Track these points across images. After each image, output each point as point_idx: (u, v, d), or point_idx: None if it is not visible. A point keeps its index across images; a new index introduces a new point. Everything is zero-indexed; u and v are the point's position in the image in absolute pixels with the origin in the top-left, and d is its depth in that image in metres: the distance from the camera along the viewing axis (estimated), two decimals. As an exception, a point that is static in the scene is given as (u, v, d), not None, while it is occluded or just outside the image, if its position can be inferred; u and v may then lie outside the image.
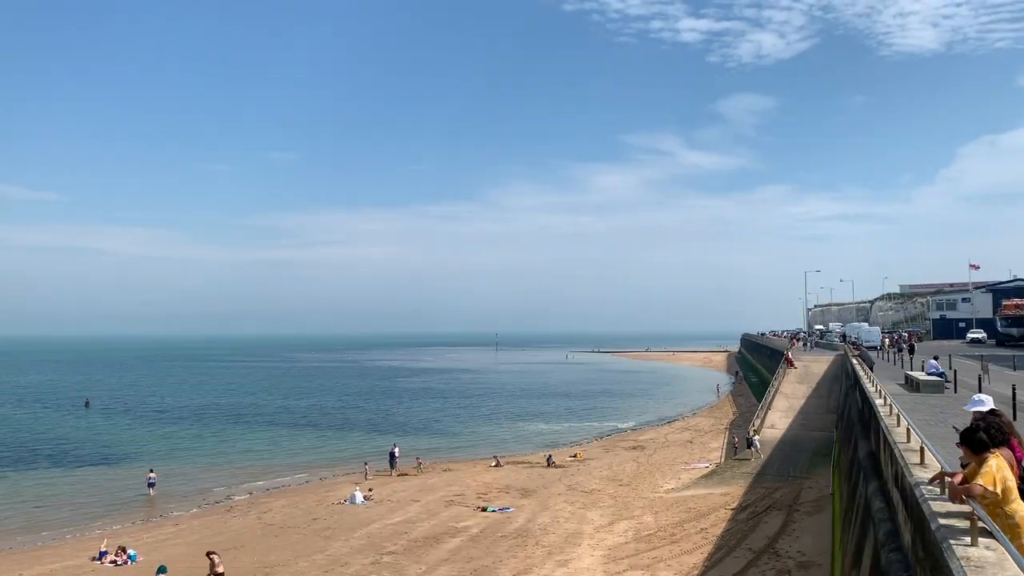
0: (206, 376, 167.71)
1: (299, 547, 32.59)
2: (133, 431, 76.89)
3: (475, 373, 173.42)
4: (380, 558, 30.16)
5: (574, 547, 30.78)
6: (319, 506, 41.64)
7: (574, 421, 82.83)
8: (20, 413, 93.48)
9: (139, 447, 65.79)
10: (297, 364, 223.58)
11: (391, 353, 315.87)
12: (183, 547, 33.57)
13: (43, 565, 31.67)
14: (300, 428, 78.25)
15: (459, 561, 29.37)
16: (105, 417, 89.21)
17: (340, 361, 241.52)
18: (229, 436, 72.58)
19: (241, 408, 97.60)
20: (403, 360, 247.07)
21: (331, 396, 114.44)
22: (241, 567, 29.11)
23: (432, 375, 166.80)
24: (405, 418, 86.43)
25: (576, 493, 42.59)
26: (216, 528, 37.54)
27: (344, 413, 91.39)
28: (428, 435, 73.08)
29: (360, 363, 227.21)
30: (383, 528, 35.59)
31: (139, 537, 36.01)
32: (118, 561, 31.24)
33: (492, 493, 43.35)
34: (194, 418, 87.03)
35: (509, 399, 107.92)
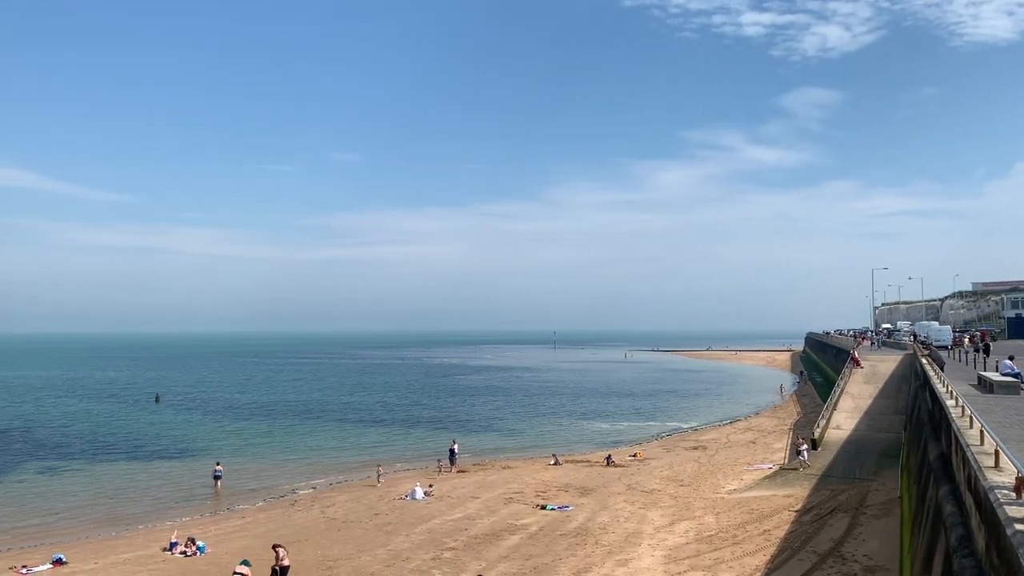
0: (272, 373, 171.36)
1: (361, 541, 33.07)
2: (200, 426, 79.01)
3: (534, 371, 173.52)
4: (440, 554, 30.42)
5: (634, 547, 30.60)
6: (380, 501, 42.18)
7: (634, 420, 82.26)
8: (96, 408, 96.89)
9: (206, 442, 67.57)
10: (360, 361, 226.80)
11: (451, 350, 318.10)
12: (249, 539, 34.35)
13: (117, 554, 32.77)
14: (363, 424, 79.39)
15: (518, 559, 29.45)
16: (174, 412, 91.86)
17: (401, 358, 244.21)
18: (293, 431, 74.03)
19: (306, 404, 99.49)
20: (462, 358, 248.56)
21: (394, 393, 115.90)
22: (305, 560, 29.66)
23: (491, 373, 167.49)
24: (465, 415, 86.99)
25: (636, 493, 42.31)
26: (281, 521, 38.33)
27: (406, 410, 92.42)
28: (487, 432, 73.41)
29: (421, 360, 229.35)
30: (443, 524, 35.88)
31: (207, 529, 36.98)
32: (187, 552, 32.12)
33: (551, 491, 43.34)
34: (260, 414, 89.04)
35: (568, 398, 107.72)
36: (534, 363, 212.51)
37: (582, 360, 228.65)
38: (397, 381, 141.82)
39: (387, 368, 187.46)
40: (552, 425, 78.84)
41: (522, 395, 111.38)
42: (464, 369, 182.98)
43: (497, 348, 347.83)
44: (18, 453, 61.50)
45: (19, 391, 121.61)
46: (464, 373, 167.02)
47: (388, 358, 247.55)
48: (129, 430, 75.31)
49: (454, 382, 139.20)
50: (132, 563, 31.11)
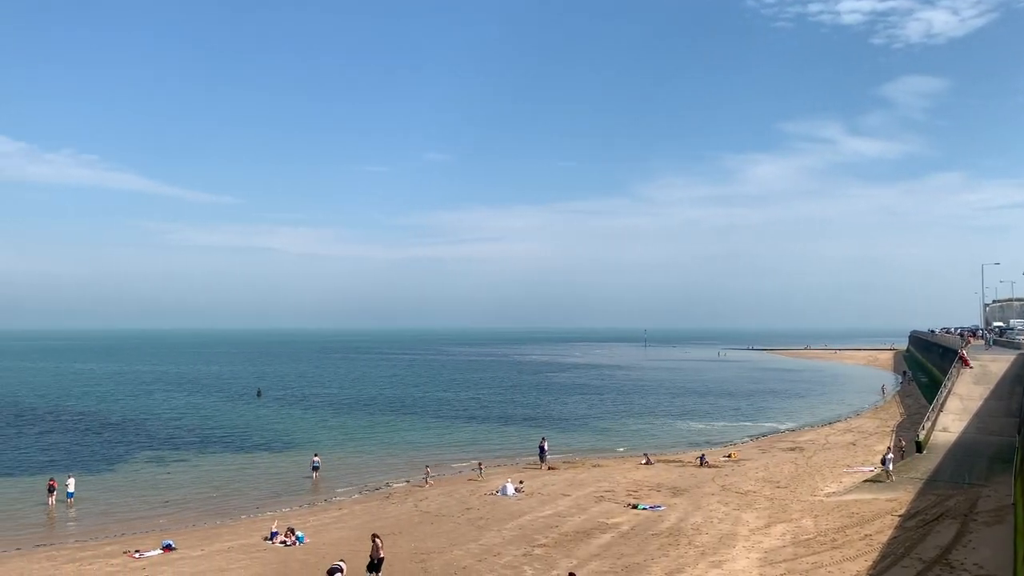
0: (368, 368, 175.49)
1: (453, 535, 33.51)
2: (299, 420, 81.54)
3: (625, 370, 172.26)
4: (531, 550, 30.55)
5: (728, 548, 30.03)
6: (472, 496, 42.64)
7: (728, 420, 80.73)
8: (203, 401, 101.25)
9: (305, 435, 69.66)
10: (452, 358, 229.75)
11: (541, 348, 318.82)
12: (346, 530, 35.27)
13: (222, 542, 34.14)
14: (457, 420, 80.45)
15: (610, 557, 29.30)
16: (275, 406, 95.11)
17: (492, 355, 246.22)
18: (389, 426, 75.61)
19: (402, 399, 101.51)
20: (552, 355, 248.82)
21: (486, 389, 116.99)
22: (400, 552, 30.25)
23: (581, 371, 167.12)
24: (555, 413, 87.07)
25: (730, 494, 41.51)
26: (376, 513, 39.20)
27: (498, 406, 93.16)
28: (578, 430, 73.28)
29: (511, 357, 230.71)
30: (534, 520, 36.00)
31: (306, 519, 38.13)
32: (287, 542, 33.18)
33: (643, 491, 42.96)
34: (357, 408, 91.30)
35: (660, 397, 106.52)
36: (625, 361, 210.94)
37: (674, 359, 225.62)
38: (489, 378, 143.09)
39: (479, 365, 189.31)
40: (643, 424, 78.07)
41: (614, 393, 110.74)
42: (554, 367, 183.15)
43: (587, 346, 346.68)
44: (132, 444, 64.77)
45: (132, 385, 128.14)
46: (554, 371, 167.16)
47: (479, 355, 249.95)
48: (233, 423, 78.35)
49: (545, 379, 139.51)
50: (236, 551, 32.34)
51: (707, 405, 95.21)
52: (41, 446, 63.64)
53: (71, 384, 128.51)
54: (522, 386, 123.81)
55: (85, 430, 72.87)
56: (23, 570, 30.07)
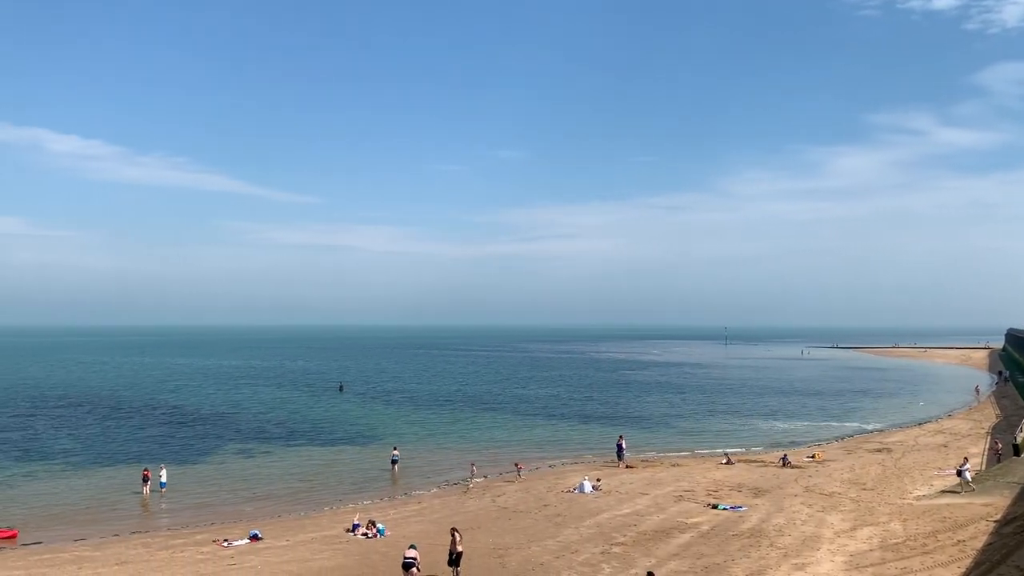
0: (447, 364, 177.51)
1: (531, 532, 33.60)
2: (381, 414, 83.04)
3: (705, 368, 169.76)
4: (609, 548, 30.40)
5: (812, 551, 29.30)
6: (549, 493, 42.68)
7: (811, 420, 78.73)
8: (288, 395, 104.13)
9: (386, 429, 70.88)
10: (528, 355, 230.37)
11: (618, 345, 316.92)
12: (425, 524, 35.76)
13: (306, 533, 35.05)
14: (534, 417, 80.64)
15: (689, 557, 28.94)
16: (357, 400, 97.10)
17: (569, 353, 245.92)
18: (467, 422, 76.34)
19: (480, 395, 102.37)
20: (630, 353, 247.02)
21: (563, 387, 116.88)
22: (478, 547, 30.50)
23: (660, 369, 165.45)
24: (633, 411, 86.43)
25: (814, 495, 40.49)
26: (454, 508, 39.62)
27: (575, 404, 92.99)
28: (656, 428, 72.60)
29: (588, 355, 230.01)
30: (612, 519, 35.82)
31: (386, 512, 38.79)
32: (369, 534, 33.83)
33: (723, 491, 42.27)
34: (435, 404, 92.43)
35: (742, 396, 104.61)
36: (704, 359, 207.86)
37: (755, 357, 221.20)
38: (566, 375, 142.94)
39: (556, 362, 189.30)
40: (723, 423, 76.81)
41: (696, 392, 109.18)
42: (632, 364, 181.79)
43: (665, 344, 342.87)
44: (221, 437, 67.03)
45: (221, 379, 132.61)
46: (632, 368, 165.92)
47: (556, 352, 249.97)
48: (316, 417, 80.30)
49: (622, 377, 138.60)
50: (319, 542, 33.14)
51: (790, 404, 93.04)
52: (136, 437, 66.43)
53: (162, 379, 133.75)
54: (600, 384, 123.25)
55: (177, 423, 75.76)
56: (121, 555, 31.44)
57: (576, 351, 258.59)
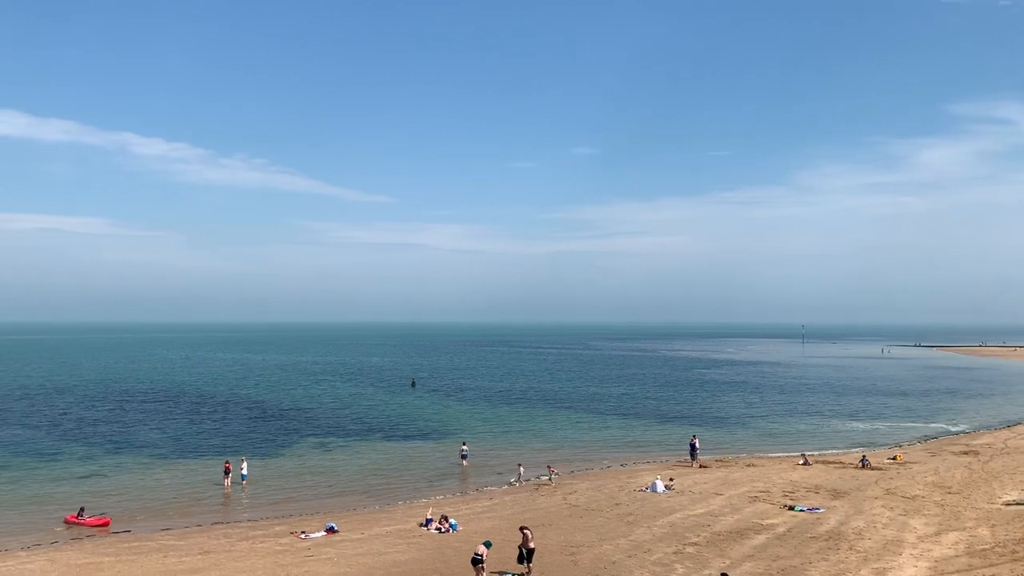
0: (517, 362, 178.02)
1: (603, 530, 33.46)
2: (453, 410, 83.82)
3: (781, 366, 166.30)
4: (683, 548, 30.06)
5: (893, 555, 28.43)
6: (621, 492, 42.43)
7: (894, 421, 76.41)
8: (362, 391, 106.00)
9: (457, 425, 71.53)
10: (600, 352, 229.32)
11: (691, 343, 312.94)
12: (497, 520, 35.95)
13: (380, 527, 35.64)
14: (606, 415, 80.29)
15: (765, 559, 28.40)
16: (429, 396, 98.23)
17: (641, 350, 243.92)
18: (539, 419, 76.43)
19: (554, 393, 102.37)
20: (703, 351, 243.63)
21: (637, 385, 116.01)
22: (549, 544, 30.52)
23: (735, 367, 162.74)
24: (708, 410, 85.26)
25: (896, 498, 39.27)
26: (525, 505, 39.73)
27: (648, 403, 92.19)
28: (730, 428, 71.48)
29: (660, 353, 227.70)
30: (685, 518, 35.41)
31: (458, 508, 39.16)
32: (442, 528, 34.21)
33: (799, 492, 41.35)
34: (510, 400, 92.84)
35: (821, 395, 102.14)
36: (780, 358, 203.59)
37: (833, 355, 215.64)
38: (639, 374, 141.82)
39: (628, 360, 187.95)
40: (800, 423, 75.15)
41: (773, 391, 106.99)
42: (705, 363, 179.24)
43: (739, 342, 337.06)
44: (298, 431, 68.66)
45: (298, 375, 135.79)
46: (706, 367, 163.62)
47: (628, 350, 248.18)
48: (390, 412, 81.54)
49: (697, 376, 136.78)
50: (393, 536, 33.66)
51: (871, 404, 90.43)
52: (218, 431, 68.55)
53: (243, 374, 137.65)
54: (674, 383, 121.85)
55: (257, 417, 77.91)
56: (203, 545, 32.52)
57: (648, 349, 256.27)
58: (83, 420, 74.12)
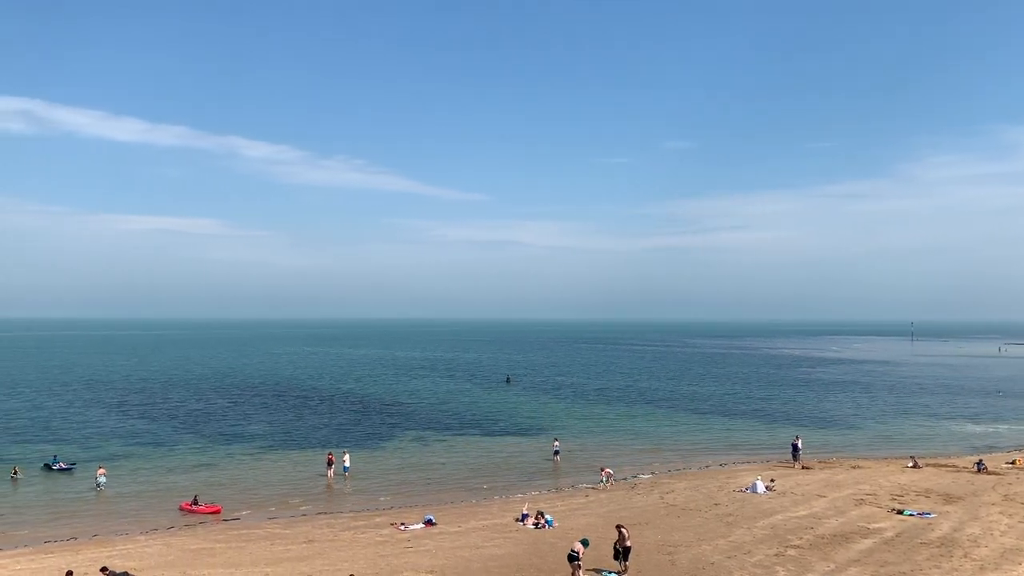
0: (615, 359, 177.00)
1: (701, 530, 32.96)
2: (548, 406, 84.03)
3: (890, 365, 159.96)
4: (784, 551, 29.32)
5: (1013, 565, 26.99)
6: (720, 492, 41.69)
7: (1014, 424, 72.49)
8: (459, 386, 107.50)
9: (552, 421, 71.68)
10: (698, 350, 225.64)
11: (792, 341, 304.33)
12: (593, 517, 35.87)
13: (477, 520, 36.09)
14: (705, 413, 79.05)
15: (872, 564, 27.41)
16: (524, 393, 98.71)
17: (741, 348, 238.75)
18: (636, 417, 75.79)
19: (653, 391, 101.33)
20: (806, 349, 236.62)
21: (739, 384, 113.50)
22: (646, 543, 30.27)
23: (841, 366, 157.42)
24: (812, 409, 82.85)
25: (1015, 504, 37.26)
26: (622, 503, 39.50)
27: (750, 402, 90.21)
28: (834, 428, 69.29)
29: (762, 351, 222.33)
30: (786, 520, 34.51)
31: (554, 504, 39.25)
32: (538, 524, 34.37)
33: (909, 496, 39.71)
34: (606, 399, 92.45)
35: (934, 395, 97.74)
36: (887, 356, 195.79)
37: (945, 354, 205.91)
38: (738, 372, 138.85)
39: (728, 358, 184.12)
40: (910, 424, 72.18)
41: (883, 391, 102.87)
42: (809, 361, 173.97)
43: (844, 339, 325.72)
44: (399, 425, 70.13)
45: (396, 370, 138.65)
46: (809, 365, 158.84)
47: (727, 348, 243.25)
48: (485, 408, 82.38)
49: (801, 375, 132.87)
50: (490, 530, 34.02)
51: (990, 406, 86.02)
52: (322, 424, 70.72)
53: (346, 369, 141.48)
54: (776, 381, 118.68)
55: (358, 411, 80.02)
56: (308, 535, 33.66)
57: (748, 347, 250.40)
58: (196, 412, 77.71)
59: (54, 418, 72.68)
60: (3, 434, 63.10)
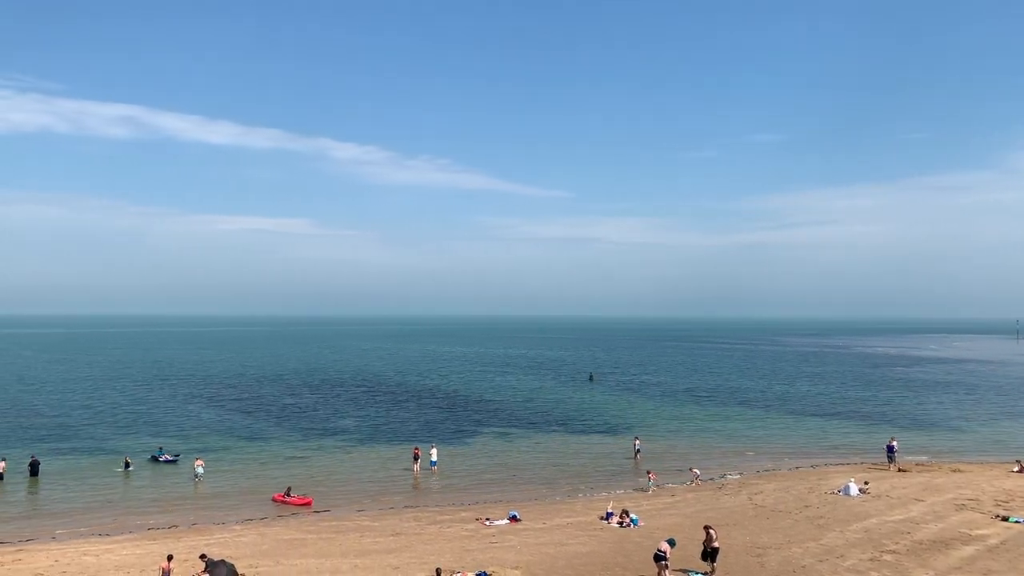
0: (701, 357, 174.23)
1: (791, 532, 32.17)
2: (632, 405, 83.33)
3: (995, 364, 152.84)
4: (879, 556, 28.34)
5: None
6: (811, 493, 40.60)
7: None
8: (542, 384, 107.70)
9: (636, 420, 71.05)
10: (787, 348, 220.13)
11: (887, 339, 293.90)
12: (679, 518, 35.42)
13: (561, 517, 36.11)
14: (796, 414, 77.12)
15: (974, 572, 26.24)
16: (607, 391, 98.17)
17: (833, 347, 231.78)
18: (726, 418, 74.30)
19: (740, 390, 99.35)
20: (902, 347, 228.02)
21: (833, 383, 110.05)
22: (734, 544, 29.72)
23: (940, 365, 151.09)
24: (910, 410, 79.86)
25: None
26: (708, 503, 38.88)
27: (844, 402, 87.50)
28: (933, 429, 66.61)
29: (854, 349, 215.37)
30: (881, 524, 33.35)
31: (639, 503, 38.93)
32: (623, 523, 34.16)
33: (1015, 501, 37.83)
34: (694, 398, 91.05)
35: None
36: (991, 355, 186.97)
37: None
38: (832, 371, 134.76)
39: (821, 357, 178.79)
40: (1016, 426, 68.76)
41: (991, 392, 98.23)
42: (906, 360, 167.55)
43: (942, 338, 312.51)
44: (483, 422, 70.75)
45: (482, 366, 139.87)
46: (907, 364, 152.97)
47: (818, 346, 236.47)
48: (570, 406, 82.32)
49: (898, 374, 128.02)
50: (574, 527, 33.99)
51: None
52: (410, 419, 71.92)
53: (432, 365, 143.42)
54: (871, 381, 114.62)
55: (444, 406, 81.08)
56: (395, 527, 34.31)
57: (841, 345, 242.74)
58: (289, 407, 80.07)
59: (156, 411, 76.01)
60: (111, 426, 66.37)
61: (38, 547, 31.20)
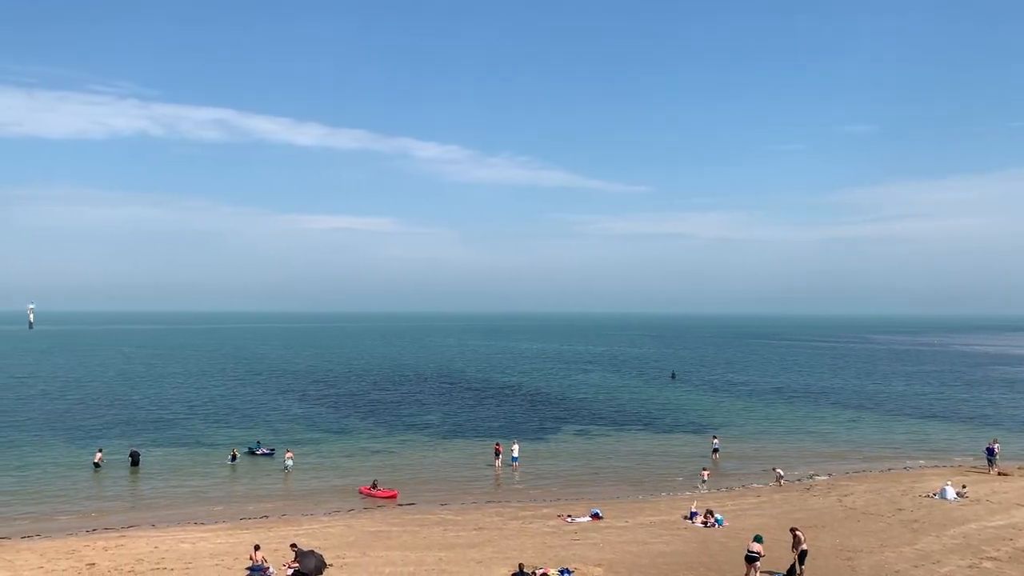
0: (791, 355, 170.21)
1: (883, 536, 31.14)
2: (715, 403, 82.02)
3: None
4: (979, 563, 27.19)
5: None
6: (904, 496, 39.20)
7: None
8: (624, 381, 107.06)
9: (719, 420, 69.85)
10: (877, 346, 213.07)
11: (988, 337, 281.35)
12: (765, 518, 34.67)
13: (644, 516, 35.81)
14: (890, 413, 74.71)
15: (1082, 583, 24.93)
16: (689, 389, 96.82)
17: (929, 345, 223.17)
18: (817, 418, 72.26)
19: (832, 390, 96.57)
20: (1005, 345, 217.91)
21: (929, 383, 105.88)
22: (823, 547, 28.97)
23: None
24: (1014, 411, 76.33)
25: None
26: (796, 504, 37.96)
27: (942, 402, 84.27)
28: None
29: (952, 347, 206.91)
30: (981, 530, 31.97)
31: (724, 503, 38.28)
32: (707, 523, 33.66)
33: None
34: (784, 397, 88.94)
35: None
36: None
37: None
38: (929, 370, 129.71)
39: (915, 355, 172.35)
40: None
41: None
42: (1009, 359, 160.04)
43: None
44: (565, 419, 70.78)
45: (564, 363, 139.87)
46: (1010, 364, 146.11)
47: (913, 344, 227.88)
48: (650, 403, 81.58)
49: (998, 373, 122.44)
50: (657, 526, 33.67)
51: None
52: (493, 415, 72.53)
53: (513, 362, 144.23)
54: (971, 381, 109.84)
55: (527, 403, 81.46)
56: (478, 522, 34.63)
57: (936, 343, 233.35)
58: (374, 401, 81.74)
59: (248, 406, 78.60)
60: (206, 419, 69.01)
61: (139, 533, 32.69)
